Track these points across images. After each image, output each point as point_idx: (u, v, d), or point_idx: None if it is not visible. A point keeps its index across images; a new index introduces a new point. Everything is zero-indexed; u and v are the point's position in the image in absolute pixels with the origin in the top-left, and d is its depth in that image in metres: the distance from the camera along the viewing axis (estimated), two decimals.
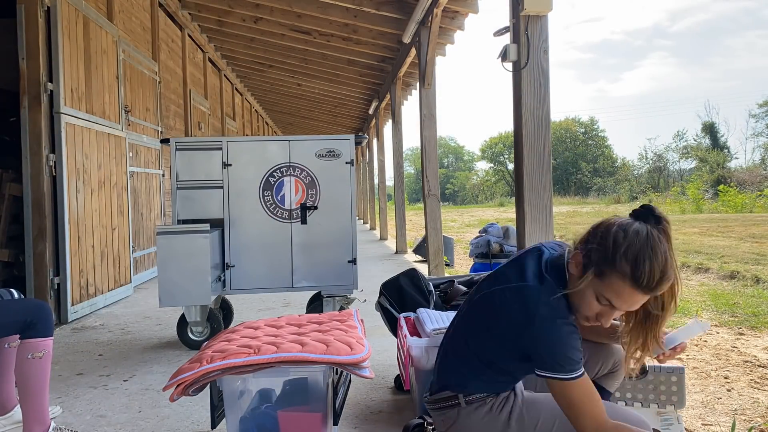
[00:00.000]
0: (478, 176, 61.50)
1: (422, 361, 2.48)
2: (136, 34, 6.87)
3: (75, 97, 4.97)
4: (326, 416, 2.13)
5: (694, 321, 1.76)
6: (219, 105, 11.61)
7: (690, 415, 2.63)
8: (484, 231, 3.93)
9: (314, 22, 7.75)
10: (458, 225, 19.20)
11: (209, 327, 3.82)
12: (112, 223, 5.70)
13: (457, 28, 6.74)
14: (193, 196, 3.82)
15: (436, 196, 6.69)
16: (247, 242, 3.84)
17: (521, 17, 3.17)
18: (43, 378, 2.24)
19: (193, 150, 3.84)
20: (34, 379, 2.21)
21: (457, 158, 70.51)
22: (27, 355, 2.20)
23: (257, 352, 2.00)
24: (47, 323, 2.24)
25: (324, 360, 1.97)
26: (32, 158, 4.57)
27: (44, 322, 2.24)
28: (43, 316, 2.24)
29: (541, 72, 3.21)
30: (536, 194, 3.22)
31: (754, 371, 3.33)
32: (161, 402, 2.82)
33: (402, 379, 2.87)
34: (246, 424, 2.10)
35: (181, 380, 1.93)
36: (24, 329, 2.22)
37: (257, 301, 5.18)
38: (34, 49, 4.54)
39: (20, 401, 2.25)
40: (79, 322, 4.80)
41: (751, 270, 6.70)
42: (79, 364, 3.57)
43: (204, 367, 1.94)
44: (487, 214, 25.24)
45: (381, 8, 6.86)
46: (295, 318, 2.46)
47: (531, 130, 3.22)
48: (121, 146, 6.00)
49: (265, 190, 3.84)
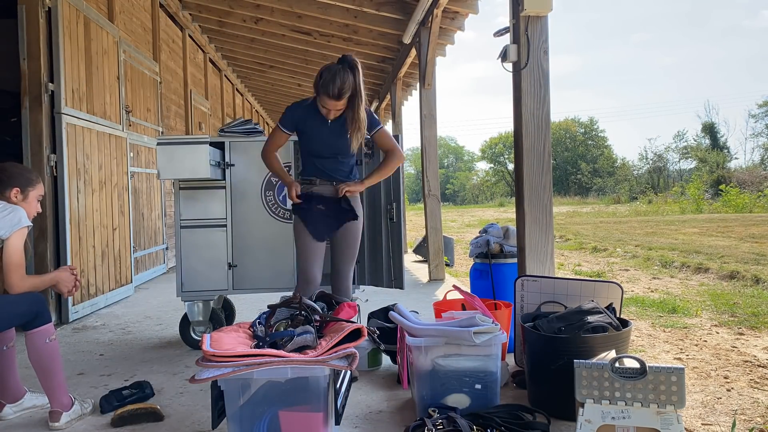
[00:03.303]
0: (478, 176, 61.50)
1: (420, 359, 2.49)
2: (136, 35, 6.88)
3: (76, 97, 4.98)
4: (327, 416, 2.13)
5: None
6: (220, 105, 11.62)
7: (690, 415, 2.64)
8: (484, 231, 3.93)
9: (315, 22, 7.75)
10: (458, 225, 19.21)
11: (212, 327, 3.83)
12: (113, 223, 5.71)
13: (457, 28, 6.75)
14: (196, 197, 3.82)
15: (436, 196, 6.70)
16: (249, 242, 3.85)
17: (521, 18, 3.18)
18: (59, 357, 2.57)
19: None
20: (54, 359, 2.53)
21: (457, 158, 70.51)
22: (44, 340, 2.50)
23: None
24: (47, 310, 2.57)
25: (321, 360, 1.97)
26: (33, 158, 4.58)
27: (47, 310, 2.55)
28: (44, 306, 2.54)
29: (541, 72, 3.21)
30: (536, 194, 3.22)
31: (754, 371, 3.34)
32: (162, 402, 2.82)
33: (400, 377, 2.88)
34: (247, 424, 2.11)
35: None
36: (32, 320, 2.49)
37: (259, 302, 5.19)
38: (35, 49, 4.54)
39: (45, 384, 2.52)
40: (80, 322, 4.81)
41: (751, 270, 6.71)
42: (80, 364, 3.58)
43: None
44: (487, 214, 25.24)
45: (381, 9, 6.87)
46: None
47: (531, 131, 3.22)
48: (122, 146, 6.01)
49: (266, 190, 3.85)
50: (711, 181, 29.86)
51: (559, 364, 2.41)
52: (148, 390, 2.88)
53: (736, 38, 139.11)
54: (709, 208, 21.54)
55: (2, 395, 2.65)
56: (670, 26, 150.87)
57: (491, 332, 2.43)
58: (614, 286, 2.87)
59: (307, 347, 2.14)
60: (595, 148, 51.25)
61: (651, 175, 41.30)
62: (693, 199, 22.58)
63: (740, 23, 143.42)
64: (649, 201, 27.44)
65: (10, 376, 2.65)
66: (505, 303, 3.26)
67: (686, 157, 42.06)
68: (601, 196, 39.13)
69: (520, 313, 2.97)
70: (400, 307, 2.79)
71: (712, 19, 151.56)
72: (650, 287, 6.45)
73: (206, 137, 3.58)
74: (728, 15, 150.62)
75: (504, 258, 3.73)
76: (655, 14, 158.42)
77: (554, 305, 2.90)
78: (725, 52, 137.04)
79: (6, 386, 2.64)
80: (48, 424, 2.52)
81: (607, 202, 33.80)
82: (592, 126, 53.60)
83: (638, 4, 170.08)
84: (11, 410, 2.66)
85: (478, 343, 2.40)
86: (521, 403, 2.55)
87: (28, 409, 2.71)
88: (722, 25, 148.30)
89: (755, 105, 52.96)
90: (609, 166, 48.05)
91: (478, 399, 2.47)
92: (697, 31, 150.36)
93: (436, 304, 3.36)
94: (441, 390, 2.48)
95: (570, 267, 8.24)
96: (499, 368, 2.49)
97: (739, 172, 31.90)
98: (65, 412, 2.55)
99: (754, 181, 27.75)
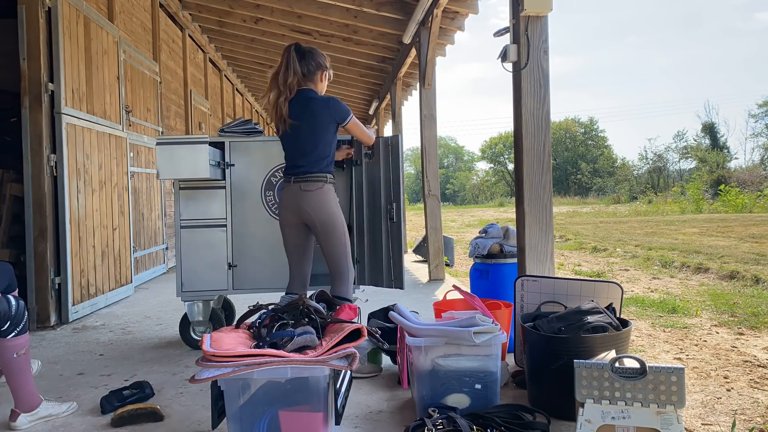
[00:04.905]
0: (478, 176, 61.48)
1: (420, 359, 2.49)
2: (136, 35, 6.88)
3: (76, 97, 4.98)
4: (327, 416, 2.13)
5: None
6: (220, 105, 11.62)
7: (690, 414, 2.64)
8: (484, 231, 3.93)
9: (314, 22, 7.75)
10: (458, 225, 19.21)
11: (211, 327, 3.83)
12: (113, 223, 5.71)
13: (457, 28, 6.75)
14: (196, 197, 3.82)
15: (436, 196, 6.70)
16: (249, 242, 3.85)
17: (521, 18, 3.18)
18: (27, 370, 2.59)
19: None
20: (21, 372, 2.55)
21: (457, 158, 70.49)
22: (12, 354, 2.54)
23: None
24: (15, 281, 2.69)
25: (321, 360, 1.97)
26: (33, 158, 4.58)
27: (14, 281, 2.68)
28: (12, 277, 2.67)
29: (541, 72, 3.22)
30: (536, 194, 3.22)
31: (754, 371, 3.34)
32: (162, 402, 2.82)
33: (400, 377, 2.88)
34: (247, 423, 2.11)
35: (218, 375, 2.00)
36: (4, 289, 2.61)
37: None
38: (35, 49, 4.54)
39: (9, 383, 2.56)
40: (80, 322, 4.81)
41: (751, 270, 6.71)
42: (80, 364, 3.58)
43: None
44: (487, 214, 25.24)
45: (381, 9, 6.87)
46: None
47: (531, 130, 3.22)
48: (122, 146, 6.01)
49: (266, 190, 3.85)
50: (711, 181, 29.84)
51: (559, 364, 2.41)
52: (148, 390, 2.88)
53: (732, 39, 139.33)
54: (709, 208, 21.53)
55: (16, 404, 2.57)
56: (667, 27, 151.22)
57: (491, 332, 2.43)
58: (614, 286, 2.87)
59: (307, 347, 2.14)
60: (595, 148, 51.24)
61: (651, 175, 41.29)
62: (693, 199, 22.58)
63: (734, 25, 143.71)
64: (649, 201, 27.44)
65: (23, 385, 2.57)
66: (505, 303, 3.26)
67: (686, 157, 42.06)
68: (601, 196, 39.12)
69: (520, 313, 2.97)
70: (400, 307, 2.79)
71: (707, 21, 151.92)
72: (650, 287, 6.45)
73: (206, 137, 3.57)
74: (722, 17, 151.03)
75: (504, 258, 3.73)
76: (651, 16, 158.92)
77: (554, 305, 2.90)
78: (722, 53, 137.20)
79: (20, 395, 2.56)
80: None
81: (607, 202, 33.79)
82: (592, 126, 53.60)
83: (633, 6, 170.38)
84: (26, 419, 2.56)
85: (478, 343, 2.40)
86: (521, 403, 2.55)
87: (43, 419, 2.61)
88: (717, 26, 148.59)
89: (755, 105, 53.01)
90: (609, 166, 48.04)
91: (478, 399, 2.47)
92: (693, 32, 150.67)
93: (436, 304, 3.36)
94: (441, 390, 2.48)
95: (570, 267, 8.24)
96: (499, 368, 2.49)
97: (739, 172, 31.89)
98: (23, 413, 2.54)
99: (754, 181, 27.75)
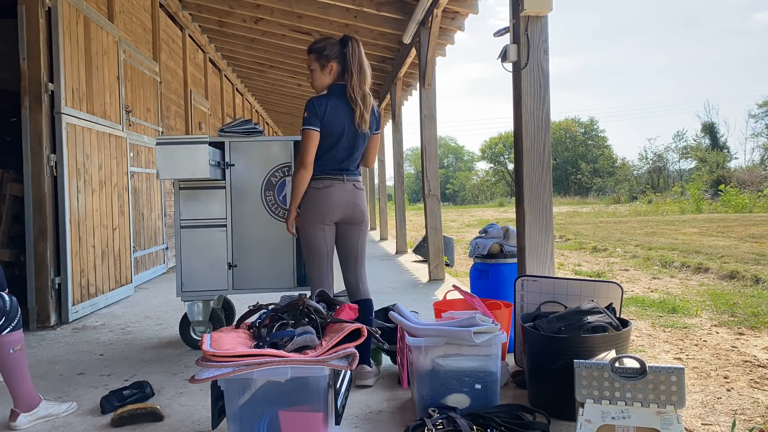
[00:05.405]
0: (478, 176, 61.51)
1: (420, 359, 2.49)
2: (136, 35, 6.88)
3: (76, 97, 4.98)
4: (327, 416, 2.13)
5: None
6: (220, 105, 11.62)
7: (690, 414, 2.64)
8: (484, 231, 3.92)
9: (315, 22, 7.75)
10: (458, 225, 19.21)
11: (212, 327, 3.83)
12: (113, 223, 5.71)
13: (457, 28, 6.75)
14: (196, 197, 3.82)
15: (436, 196, 6.70)
16: (249, 242, 3.85)
17: (521, 18, 3.18)
18: (24, 366, 2.54)
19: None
20: (18, 369, 2.50)
21: (457, 158, 70.51)
22: (8, 350, 2.48)
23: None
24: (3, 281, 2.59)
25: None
26: (33, 158, 4.58)
27: (3, 280, 2.57)
28: (1, 276, 2.57)
29: (541, 72, 3.21)
30: (536, 194, 3.22)
31: (754, 371, 3.34)
32: (162, 402, 2.82)
33: (400, 377, 2.88)
34: (247, 424, 2.11)
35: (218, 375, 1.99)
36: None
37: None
38: (35, 49, 4.54)
39: (6, 382, 2.50)
40: (80, 322, 4.81)
41: (751, 270, 6.71)
42: (80, 364, 3.58)
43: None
44: (487, 214, 25.25)
45: (381, 9, 6.87)
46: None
47: (531, 130, 3.22)
48: (122, 146, 6.01)
49: (266, 190, 3.85)
50: (711, 181, 29.85)
51: (559, 364, 2.41)
52: (148, 390, 2.88)
53: (731, 39, 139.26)
54: (708, 208, 21.53)
55: (15, 403, 2.52)
56: (666, 27, 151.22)
57: (491, 332, 2.43)
58: (614, 286, 2.87)
59: (307, 347, 2.14)
60: (595, 148, 51.26)
61: (651, 175, 41.31)
62: (693, 199, 22.58)
63: (733, 25, 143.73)
64: (649, 201, 27.43)
65: (21, 383, 2.51)
66: (505, 303, 3.26)
67: (686, 157, 42.09)
68: (601, 196, 39.13)
69: (520, 313, 2.97)
70: (400, 307, 2.79)
71: (706, 21, 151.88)
72: (650, 287, 6.45)
73: (206, 137, 3.56)
74: (721, 17, 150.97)
75: (504, 258, 3.73)
76: (650, 16, 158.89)
77: (554, 305, 2.90)
78: (722, 53, 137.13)
79: (18, 394, 2.51)
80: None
81: (607, 202, 33.79)
82: (592, 126, 53.62)
83: (633, 6, 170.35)
84: (26, 419, 2.52)
85: (478, 343, 2.40)
86: (521, 403, 2.55)
87: (43, 419, 2.57)
88: (716, 26, 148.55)
89: (755, 105, 53.05)
90: (609, 166, 48.06)
91: (478, 399, 2.47)
92: (692, 32, 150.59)
93: (436, 304, 3.36)
94: (441, 390, 2.48)
95: (570, 267, 8.24)
96: (499, 368, 2.49)
97: (739, 172, 31.89)
98: (23, 413, 2.51)
99: (754, 181, 27.74)
